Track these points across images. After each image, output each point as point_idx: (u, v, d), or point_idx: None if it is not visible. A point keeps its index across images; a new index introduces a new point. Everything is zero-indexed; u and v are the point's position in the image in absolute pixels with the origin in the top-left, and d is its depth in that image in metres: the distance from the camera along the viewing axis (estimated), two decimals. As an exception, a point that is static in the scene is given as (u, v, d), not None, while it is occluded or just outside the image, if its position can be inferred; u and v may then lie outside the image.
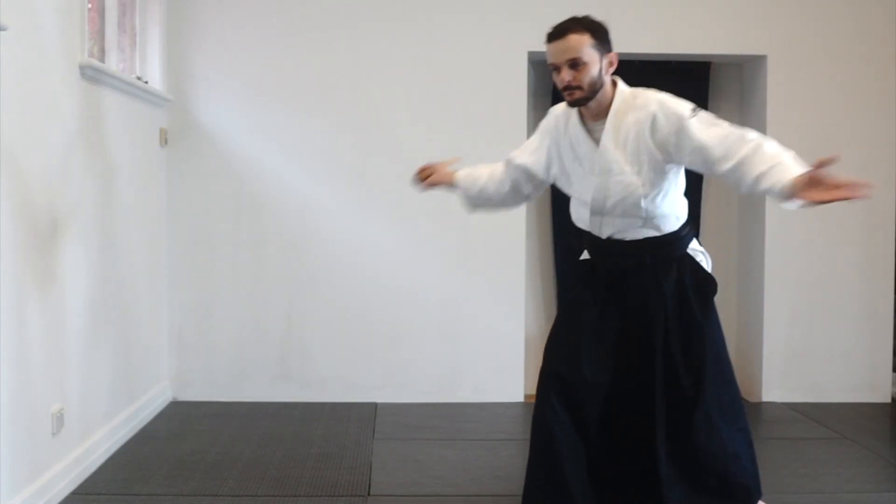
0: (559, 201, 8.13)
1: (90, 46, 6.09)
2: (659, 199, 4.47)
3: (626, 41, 7.67)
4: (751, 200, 8.03)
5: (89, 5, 6.02)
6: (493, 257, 7.79)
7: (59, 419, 5.30)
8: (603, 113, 4.48)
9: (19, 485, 4.78)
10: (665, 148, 4.37)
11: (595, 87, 4.39)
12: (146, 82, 7.10)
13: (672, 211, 4.55)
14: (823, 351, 7.94)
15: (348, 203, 7.70)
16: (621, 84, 4.52)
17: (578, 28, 4.36)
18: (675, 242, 4.61)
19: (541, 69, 8.13)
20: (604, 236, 4.62)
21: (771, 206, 7.74)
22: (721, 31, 7.70)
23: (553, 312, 8.29)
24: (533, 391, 7.90)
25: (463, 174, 5.02)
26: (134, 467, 5.92)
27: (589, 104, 4.44)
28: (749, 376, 7.94)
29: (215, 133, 7.59)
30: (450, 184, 5.06)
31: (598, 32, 4.41)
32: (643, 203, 4.45)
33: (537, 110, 8.11)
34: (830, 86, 7.87)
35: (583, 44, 4.33)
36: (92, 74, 5.77)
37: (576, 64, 4.33)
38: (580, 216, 4.71)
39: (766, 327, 7.87)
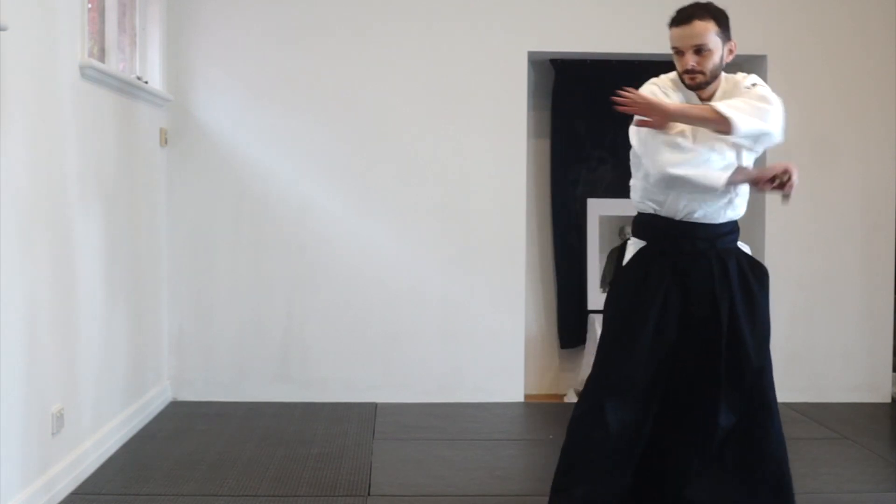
0: (558, 201, 8.17)
1: (90, 46, 6.08)
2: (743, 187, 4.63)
3: (628, 41, 7.76)
4: (751, 200, 8.03)
5: (89, 5, 6.03)
6: (493, 257, 7.80)
7: (60, 419, 5.30)
8: (712, 97, 4.61)
9: (20, 484, 4.79)
10: None
11: (716, 73, 4.58)
12: (146, 82, 7.10)
13: (745, 197, 4.72)
14: (824, 351, 7.96)
15: (348, 203, 7.71)
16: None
17: (704, 15, 4.52)
18: (736, 231, 4.77)
19: (541, 69, 8.16)
20: (678, 217, 4.62)
21: (771, 206, 7.75)
22: (722, 31, 7.75)
23: (552, 312, 8.33)
24: (532, 391, 8.01)
25: None
26: (134, 467, 5.93)
27: (705, 87, 4.58)
28: (749, 376, 7.91)
29: (215, 133, 7.61)
30: None
31: (722, 20, 4.57)
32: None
33: (537, 110, 8.14)
34: (829, 85, 7.89)
35: (708, 30, 4.50)
36: (92, 74, 5.77)
37: (700, 50, 4.49)
38: (657, 195, 4.66)
39: None
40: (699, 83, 4.54)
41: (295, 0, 7.63)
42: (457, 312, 7.81)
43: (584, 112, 8.02)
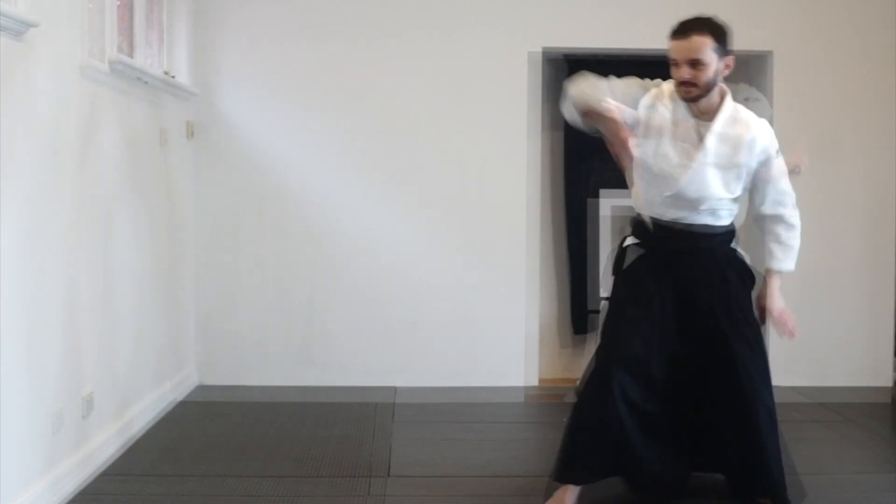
0: (573, 191, 8.28)
1: (119, 42, 6.13)
2: (728, 202, 4.80)
3: (641, 37, 7.77)
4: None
5: (118, 2, 6.06)
6: (508, 246, 7.89)
7: (90, 402, 5.37)
8: (709, 112, 4.72)
9: (50, 465, 4.86)
10: (751, 168, 4.74)
11: (709, 87, 4.65)
12: (173, 77, 7.18)
13: (731, 211, 4.89)
14: (827, 336, 8.00)
15: (367, 194, 7.81)
16: (728, 93, 4.77)
17: (702, 29, 4.60)
18: (724, 234, 4.94)
19: (556, 65, 8.23)
20: (666, 218, 4.84)
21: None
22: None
23: (565, 299, 8.43)
24: (546, 375, 8.08)
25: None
26: (162, 449, 5.98)
27: (701, 102, 4.68)
28: (755, 361, 7.99)
29: (240, 126, 7.71)
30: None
31: (720, 35, 4.63)
32: (717, 203, 4.76)
33: (552, 104, 8.22)
34: (834, 81, 7.96)
35: (704, 45, 4.58)
36: (121, 69, 5.84)
37: (695, 64, 4.58)
38: (649, 196, 4.87)
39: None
40: (693, 96, 4.65)
41: (315, -1, 7.75)
42: (473, 299, 7.90)
43: (598, 106, 8.14)
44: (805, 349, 7.91)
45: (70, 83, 5.17)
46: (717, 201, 4.77)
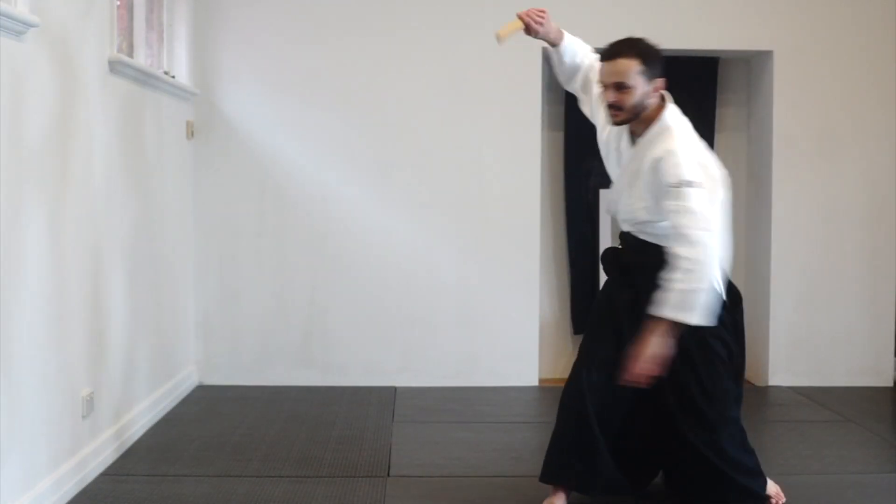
0: (573, 190, 8.28)
1: (119, 42, 6.14)
2: (660, 225, 4.62)
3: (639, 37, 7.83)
4: (758, 189, 8.16)
5: (118, 2, 6.06)
6: (508, 244, 7.91)
7: (90, 403, 5.36)
8: (643, 133, 4.66)
9: (51, 467, 4.86)
10: (656, 192, 4.56)
11: (636, 111, 4.57)
12: (173, 77, 7.19)
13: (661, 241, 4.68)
14: (828, 336, 8.03)
15: (368, 193, 7.82)
16: (668, 111, 4.65)
17: (629, 53, 4.52)
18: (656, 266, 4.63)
19: (545, 67, 8.25)
20: (621, 228, 4.94)
21: (777, 195, 7.90)
22: (729, 28, 7.81)
23: (566, 298, 8.45)
24: (546, 375, 8.10)
25: (569, 41, 4.97)
26: (162, 449, 5.99)
27: (632, 122, 4.64)
28: (755, 361, 8.01)
29: (240, 125, 7.72)
30: (553, 42, 4.97)
31: (648, 58, 4.55)
32: (644, 225, 4.72)
33: (552, 104, 8.22)
34: (834, 80, 7.97)
35: (630, 69, 4.50)
36: (121, 69, 5.85)
37: (620, 87, 4.51)
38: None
39: (772, 313, 7.97)
40: (619, 120, 4.60)
41: (316, -3, 7.75)
42: (473, 299, 7.92)
43: (598, 105, 8.16)
44: (805, 349, 7.94)
45: (70, 83, 5.17)
46: (644, 224, 4.72)
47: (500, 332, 7.95)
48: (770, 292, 7.91)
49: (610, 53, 4.57)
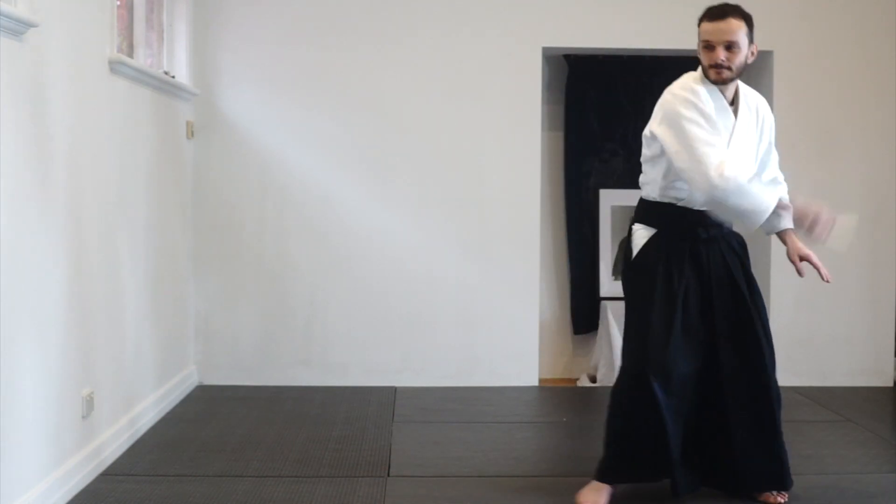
0: (573, 191, 8.29)
1: (119, 42, 6.13)
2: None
3: (640, 37, 7.81)
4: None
5: (118, 2, 6.06)
6: (508, 245, 7.90)
7: (89, 402, 5.36)
8: (733, 96, 4.89)
9: (50, 466, 4.86)
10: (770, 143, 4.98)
11: (740, 71, 4.81)
12: (173, 77, 7.18)
13: None
14: (828, 336, 8.04)
15: (369, 193, 7.82)
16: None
17: (737, 14, 4.76)
18: None
19: (555, 64, 8.26)
20: (695, 207, 4.91)
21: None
22: (729, 27, 7.84)
23: (566, 298, 8.46)
24: (546, 375, 8.09)
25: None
26: (161, 449, 5.99)
27: (728, 84, 4.82)
28: (756, 361, 7.99)
29: (240, 126, 7.72)
30: None
31: (750, 23, 4.81)
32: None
33: (551, 104, 8.23)
34: (834, 80, 7.97)
35: (741, 28, 4.73)
36: (121, 69, 5.85)
37: (731, 46, 4.72)
38: (682, 190, 4.92)
39: (772, 313, 7.82)
40: (725, 78, 4.77)
41: (316, -2, 7.76)
42: (473, 299, 7.91)
43: (597, 106, 8.14)
44: (805, 349, 7.94)
45: (70, 83, 5.17)
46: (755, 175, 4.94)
47: (500, 332, 7.94)
48: (770, 292, 7.87)
49: (719, 13, 4.77)
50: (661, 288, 4.91)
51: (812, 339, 8.01)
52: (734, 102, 4.90)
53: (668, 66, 7.75)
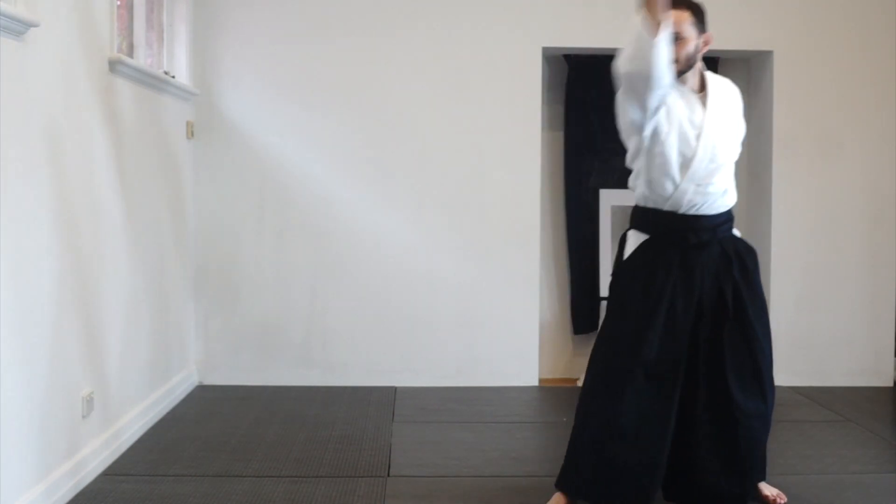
0: (573, 190, 8.29)
1: (119, 42, 6.14)
2: (731, 171, 4.94)
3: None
4: (758, 190, 8.16)
5: (118, 2, 6.06)
6: (508, 245, 7.90)
7: (90, 403, 5.36)
8: (699, 88, 4.89)
9: (51, 466, 4.86)
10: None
11: (690, 61, 4.79)
12: (173, 77, 7.17)
13: (733, 186, 4.97)
14: (828, 336, 8.04)
15: (369, 193, 7.82)
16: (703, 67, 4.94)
17: (681, 5, 4.69)
18: (732, 219, 5.01)
19: (555, 64, 8.25)
20: (682, 210, 4.83)
21: (778, 195, 7.91)
22: (729, 28, 7.73)
23: (566, 298, 8.45)
24: (546, 375, 8.09)
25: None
26: (162, 449, 5.99)
27: (686, 77, 4.82)
28: (756, 361, 8.00)
29: (240, 126, 7.72)
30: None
31: (698, 12, 4.80)
32: (727, 171, 4.89)
33: (551, 104, 8.22)
34: (834, 80, 7.97)
35: (683, 21, 4.70)
36: (121, 69, 5.86)
37: (676, 38, 4.65)
38: (664, 189, 4.84)
39: (772, 313, 7.85)
40: (675, 70, 4.69)
41: (317, -2, 7.77)
42: (473, 299, 7.91)
43: (597, 105, 8.08)
44: (805, 349, 7.94)
45: (70, 83, 5.17)
46: (728, 167, 4.89)
47: (500, 332, 7.94)
48: (770, 292, 7.85)
49: None
50: (640, 299, 4.83)
51: (812, 339, 8.01)
52: (702, 91, 4.90)
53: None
